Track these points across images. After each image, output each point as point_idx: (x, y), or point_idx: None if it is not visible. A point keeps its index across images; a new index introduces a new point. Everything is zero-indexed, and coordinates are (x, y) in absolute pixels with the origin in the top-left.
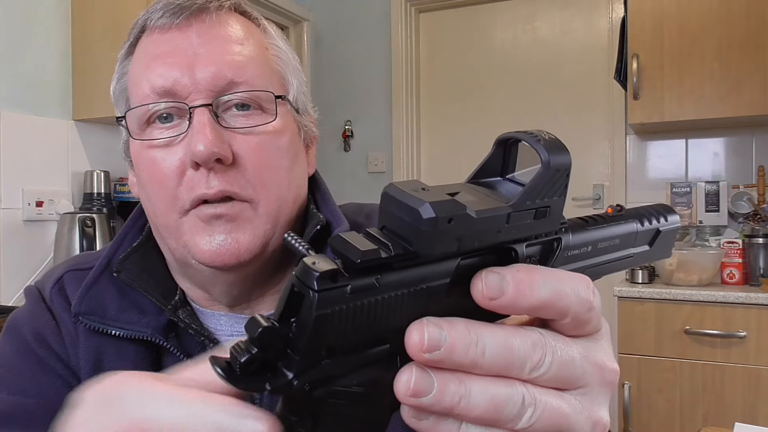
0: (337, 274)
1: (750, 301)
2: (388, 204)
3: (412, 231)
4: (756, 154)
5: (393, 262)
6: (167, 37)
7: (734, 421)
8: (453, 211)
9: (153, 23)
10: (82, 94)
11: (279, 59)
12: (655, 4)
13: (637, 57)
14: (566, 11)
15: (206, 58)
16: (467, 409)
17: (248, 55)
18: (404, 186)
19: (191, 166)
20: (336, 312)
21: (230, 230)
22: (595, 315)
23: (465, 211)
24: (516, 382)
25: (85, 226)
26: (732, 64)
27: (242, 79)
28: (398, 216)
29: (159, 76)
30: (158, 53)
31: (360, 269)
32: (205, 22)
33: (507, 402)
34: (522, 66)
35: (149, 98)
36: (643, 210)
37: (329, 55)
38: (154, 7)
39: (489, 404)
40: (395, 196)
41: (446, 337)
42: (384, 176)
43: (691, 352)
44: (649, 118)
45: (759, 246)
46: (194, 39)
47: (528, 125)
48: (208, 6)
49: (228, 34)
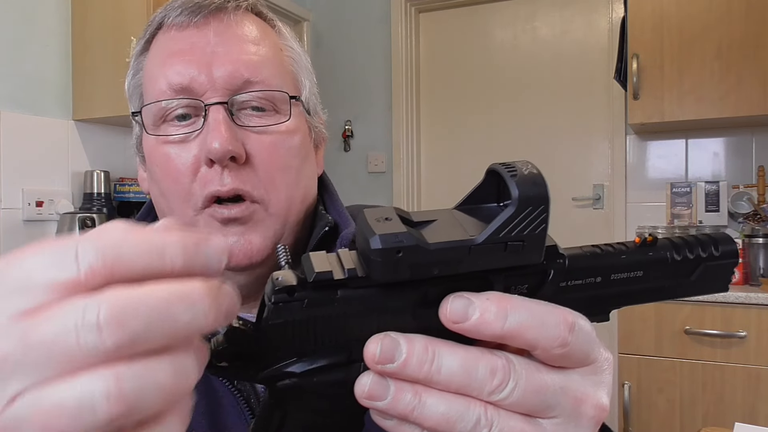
0: (294, 289)
1: (750, 301)
2: (357, 229)
3: (366, 257)
4: (756, 154)
5: (348, 283)
6: (185, 34)
7: (734, 421)
8: (402, 243)
9: (171, 20)
10: (82, 94)
11: (293, 60)
12: (655, 4)
13: (637, 57)
14: (566, 11)
15: (223, 56)
16: (422, 418)
17: (264, 55)
18: (372, 214)
19: (205, 163)
20: (292, 321)
21: (243, 232)
22: (574, 350)
23: (416, 243)
24: (475, 401)
25: (85, 226)
26: (732, 64)
27: (258, 78)
28: (360, 242)
29: (176, 73)
30: (176, 50)
31: (321, 286)
32: (223, 22)
33: (460, 419)
34: (522, 66)
35: (165, 94)
36: (687, 239)
37: (329, 55)
38: (172, 5)
39: (441, 418)
40: (360, 223)
41: (403, 352)
42: (384, 176)
43: (691, 352)
44: (649, 118)
45: (759, 246)
46: (212, 38)
47: (528, 125)
48: (226, 6)
49: (245, 34)
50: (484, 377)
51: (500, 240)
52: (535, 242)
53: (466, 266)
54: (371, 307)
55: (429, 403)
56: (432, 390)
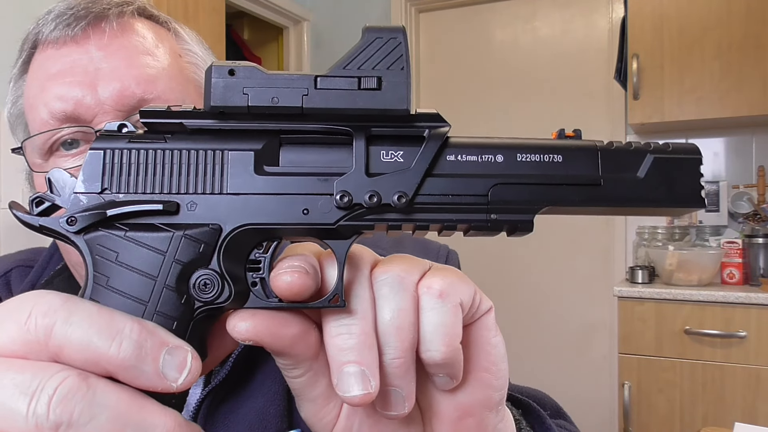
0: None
1: (750, 301)
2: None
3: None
4: (756, 154)
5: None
6: (63, 52)
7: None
8: (240, 65)
9: (45, 37)
10: None
11: (195, 66)
12: (655, 4)
13: (637, 57)
14: (566, 11)
15: (109, 73)
16: None
17: (158, 66)
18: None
19: None
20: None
21: None
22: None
23: (255, 66)
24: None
25: None
26: (732, 64)
27: (153, 94)
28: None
29: (57, 98)
30: (54, 72)
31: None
32: (106, 32)
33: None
34: (522, 66)
35: (48, 125)
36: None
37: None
38: (45, 18)
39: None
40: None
41: None
42: None
43: (691, 352)
44: (649, 118)
45: (759, 246)
46: (94, 52)
47: (528, 125)
48: (107, 13)
49: (133, 44)
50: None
51: (351, 74)
52: (394, 81)
53: (313, 101)
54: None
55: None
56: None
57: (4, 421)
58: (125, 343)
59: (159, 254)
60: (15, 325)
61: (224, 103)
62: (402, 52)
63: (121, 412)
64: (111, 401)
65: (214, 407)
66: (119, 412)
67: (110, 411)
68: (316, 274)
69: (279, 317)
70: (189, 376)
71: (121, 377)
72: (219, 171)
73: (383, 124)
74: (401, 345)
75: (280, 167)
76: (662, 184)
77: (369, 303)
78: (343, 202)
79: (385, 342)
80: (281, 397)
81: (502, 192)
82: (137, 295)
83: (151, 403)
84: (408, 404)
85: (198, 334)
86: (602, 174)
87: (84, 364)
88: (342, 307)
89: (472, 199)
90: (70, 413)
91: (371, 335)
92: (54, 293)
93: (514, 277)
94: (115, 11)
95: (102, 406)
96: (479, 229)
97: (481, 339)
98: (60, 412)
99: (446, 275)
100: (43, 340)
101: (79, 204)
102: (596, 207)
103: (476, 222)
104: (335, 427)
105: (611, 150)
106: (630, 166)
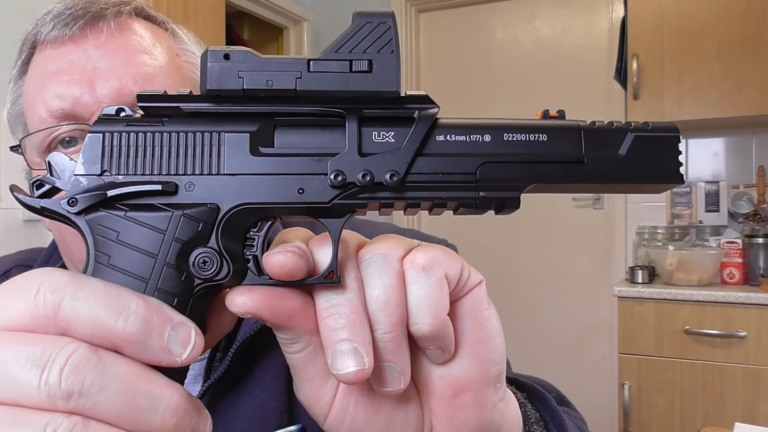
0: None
1: (750, 301)
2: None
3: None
4: (756, 154)
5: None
6: (61, 51)
7: (734, 421)
8: (234, 49)
9: (44, 37)
10: None
11: (192, 65)
12: (655, 4)
13: (637, 57)
14: (566, 11)
15: (107, 72)
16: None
17: (156, 64)
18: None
19: None
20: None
21: None
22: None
23: (249, 50)
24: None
25: None
26: (732, 64)
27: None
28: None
29: (56, 96)
30: (53, 71)
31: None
32: (103, 32)
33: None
34: (522, 66)
35: (47, 122)
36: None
37: None
38: (43, 18)
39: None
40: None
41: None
42: None
43: (691, 352)
44: (648, 118)
45: (759, 246)
46: (92, 51)
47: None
48: (105, 13)
49: (130, 43)
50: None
51: (343, 58)
52: (385, 64)
53: (306, 84)
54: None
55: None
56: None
57: (17, 391)
58: (132, 318)
59: (159, 233)
60: (23, 301)
61: (220, 87)
62: (392, 36)
63: (130, 383)
64: (120, 372)
65: (214, 403)
66: (128, 382)
67: (120, 381)
68: (308, 256)
69: (277, 291)
70: (193, 352)
71: (127, 352)
72: (216, 152)
73: (375, 106)
74: (390, 320)
75: (275, 148)
76: (643, 161)
77: (357, 282)
78: (337, 181)
79: (375, 319)
80: (281, 393)
81: (490, 170)
82: (138, 273)
83: (158, 376)
84: (404, 379)
85: (198, 311)
86: (585, 152)
87: (91, 339)
88: (337, 283)
89: (462, 178)
90: (81, 383)
91: (362, 313)
92: (60, 270)
93: (514, 278)
94: (112, 11)
95: (112, 377)
96: (468, 206)
97: (473, 312)
98: (72, 381)
99: (430, 250)
100: (52, 315)
101: (80, 186)
102: (580, 184)
103: (465, 199)
104: (332, 407)
105: (593, 129)
106: (612, 145)
